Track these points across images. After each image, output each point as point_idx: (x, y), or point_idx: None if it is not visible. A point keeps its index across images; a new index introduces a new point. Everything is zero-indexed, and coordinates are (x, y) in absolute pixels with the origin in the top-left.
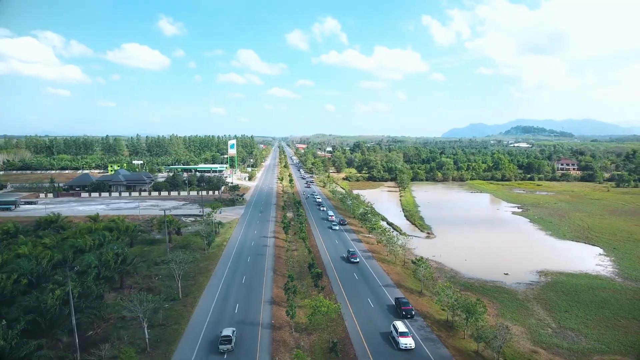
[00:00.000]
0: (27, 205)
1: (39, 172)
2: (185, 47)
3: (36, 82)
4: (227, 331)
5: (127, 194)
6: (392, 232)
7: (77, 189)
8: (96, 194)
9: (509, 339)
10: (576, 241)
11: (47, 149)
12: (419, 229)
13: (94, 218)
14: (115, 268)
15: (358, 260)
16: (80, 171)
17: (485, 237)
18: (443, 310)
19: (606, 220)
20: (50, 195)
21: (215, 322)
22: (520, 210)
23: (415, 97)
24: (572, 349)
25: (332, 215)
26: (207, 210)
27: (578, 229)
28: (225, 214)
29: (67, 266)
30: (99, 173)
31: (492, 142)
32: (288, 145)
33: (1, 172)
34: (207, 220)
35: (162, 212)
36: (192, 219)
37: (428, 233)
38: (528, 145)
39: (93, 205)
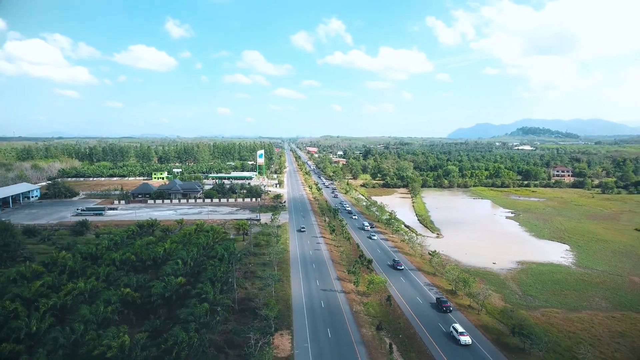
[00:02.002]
0: (110, 211)
1: (91, 179)
2: (192, 48)
3: (45, 84)
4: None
5: (184, 200)
6: (411, 233)
7: (139, 196)
8: (159, 201)
9: (488, 295)
10: (551, 240)
11: (87, 156)
12: (430, 230)
13: (180, 222)
14: (235, 256)
15: (403, 267)
16: (126, 178)
17: (482, 237)
18: (450, 284)
19: (581, 224)
20: (122, 202)
21: (308, 289)
22: (512, 215)
23: (421, 98)
24: (528, 305)
25: (367, 226)
26: (263, 215)
27: (556, 231)
28: (272, 217)
29: (216, 255)
30: (144, 180)
31: (497, 144)
32: (299, 148)
33: (58, 180)
34: (274, 224)
35: (224, 217)
36: (250, 222)
37: (438, 234)
38: (532, 148)
39: (165, 211)
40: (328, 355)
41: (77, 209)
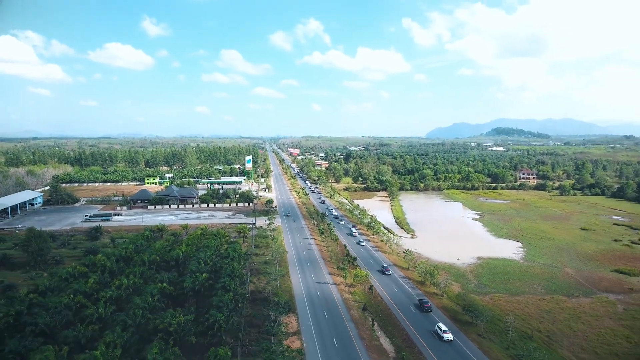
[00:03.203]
0: (116, 217)
1: (85, 184)
2: (169, 47)
3: (17, 82)
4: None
5: (182, 206)
6: (389, 234)
7: (138, 202)
8: (159, 207)
9: (449, 284)
10: (508, 239)
11: (77, 161)
12: (405, 231)
13: (185, 227)
14: (244, 256)
15: (391, 272)
16: (119, 184)
17: (450, 237)
18: (419, 276)
19: (535, 224)
20: (124, 207)
21: (306, 282)
22: (478, 216)
23: (400, 97)
24: (480, 292)
25: (355, 232)
26: (258, 219)
27: (513, 231)
28: (267, 221)
29: (228, 256)
30: (137, 185)
31: (472, 144)
32: (281, 150)
33: (60, 186)
34: (270, 227)
35: (222, 221)
36: (250, 226)
37: (412, 234)
38: (504, 149)
39: (166, 216)
40: (326, 330)
41: (86, 216)
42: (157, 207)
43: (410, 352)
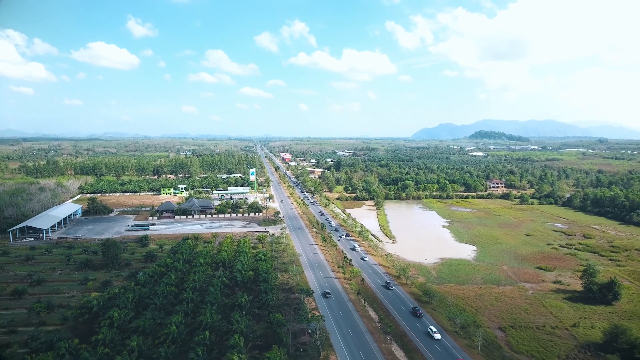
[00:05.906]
0: (152, 226)
1: (107, 195)
2: (155, 47)
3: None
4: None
5: (203, 216)
6: (375, 240)
7: (164, 212)
8: (184, 217)
9: (416, 277)
10: (467, 244)
11: (91, 170)
12: (388, 237)
13: (214, 235)
14: (271, 259)
15: (393, 287)
16: (137, 194)
17: (423, 242)
18: (396, 272)
19: (492, 231)
20: (154, 217)
21: (316, 277)
22: (448, 224)
23: (386, 98)
24: (438, 282)
25: (359, 248)
26: (272, 227)
27: (472, 236)
28: (279, 230)
29: (260, 259)
30: (154, 195)
31: (455, 147)
32: (273, 154)
33: (79, 196)
34: (283, 235)
35: (241, 230)
36: (267, 234)
37: (393, 240)
38: (483, 154)
39: (193, 226)
40: (334, 306)
41: (129, 225)
42: (182, 217)
43: (387, 318)
